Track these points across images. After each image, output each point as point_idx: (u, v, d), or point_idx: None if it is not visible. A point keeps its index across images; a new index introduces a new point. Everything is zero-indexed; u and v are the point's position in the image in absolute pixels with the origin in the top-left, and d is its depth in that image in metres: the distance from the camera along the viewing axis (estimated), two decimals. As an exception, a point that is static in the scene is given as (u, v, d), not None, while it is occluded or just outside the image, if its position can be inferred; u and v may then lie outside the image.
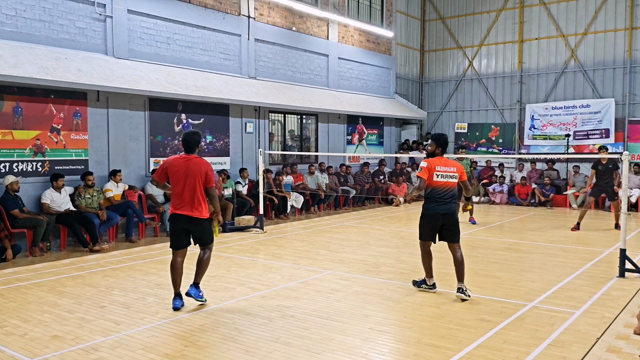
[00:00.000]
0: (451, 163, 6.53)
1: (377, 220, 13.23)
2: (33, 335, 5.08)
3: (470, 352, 4.64)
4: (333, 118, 16.62)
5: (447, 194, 6.43)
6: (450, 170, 6.46)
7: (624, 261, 7.32)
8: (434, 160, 6.46)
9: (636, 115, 16.80)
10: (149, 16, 11.42)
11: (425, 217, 6.54)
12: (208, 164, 5.95)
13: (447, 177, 6.45)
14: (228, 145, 13.20)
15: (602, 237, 10.72)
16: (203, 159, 5.96)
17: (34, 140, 9.50)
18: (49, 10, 9.80)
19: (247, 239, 10.44)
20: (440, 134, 6.62)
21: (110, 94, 10.50)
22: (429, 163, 6.43)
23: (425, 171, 6.38)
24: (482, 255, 8.86)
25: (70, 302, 6.18)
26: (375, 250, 9.30)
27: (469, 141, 19.86)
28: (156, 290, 6.66)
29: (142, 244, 9.87)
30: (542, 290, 6.66)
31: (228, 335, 5.06)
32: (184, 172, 5.79)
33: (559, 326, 5.29)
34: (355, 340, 4.93)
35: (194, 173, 5.79)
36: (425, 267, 6.67)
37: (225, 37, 13.17)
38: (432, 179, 6.40)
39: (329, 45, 16.48)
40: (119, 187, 10.27)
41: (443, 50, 20.75)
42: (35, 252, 8.73)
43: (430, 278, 6.67)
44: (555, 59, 18.18)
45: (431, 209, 6.45)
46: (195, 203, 5.81)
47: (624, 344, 4.84)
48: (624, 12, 16.85)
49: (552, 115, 18.04)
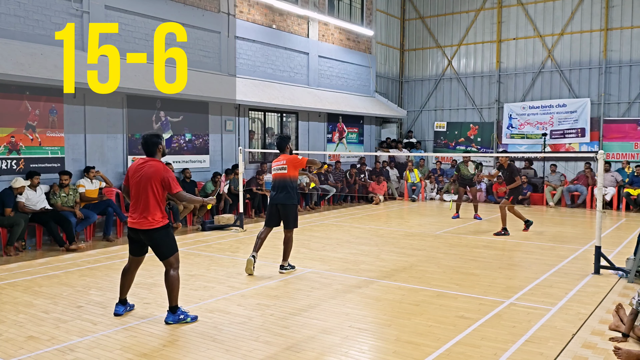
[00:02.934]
0: (281, 158, 7.48)
1: (357, 218, 13.27)
2: (7, 336, 4.98)
3: (449, 349, 4.68)
4: (313, 116, 16.62)
5: (278, 184, 7.40)
6: (279, 164, 7.45)
7: (599, 258, 7.45)
8: (274, 160, 7.66)
9: (611, 115, 17.10)
10: (126, 12, 11.28)
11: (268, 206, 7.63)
12: (166, 169, 5.40)
13: (276, 169, 7.47)
14: (207, 144, 13.11)
15: (577, 234, 10.89)
16: (161, 162, 5.45)
17: (8, 137, 9.33)
18: (24, 5, 9.61)
19: (227, 237, 10.39)
20: (278, 136, 7.78)
21: (87, 90, 10.31)
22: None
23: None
24: (460, 252, 8.95)
25: (46, 302, 6.09)
26: (355, 248, 9.33)
27: (448, 140, 20.02)
28: (134, 290, 6.57)
29: (119, 243, 9.75)
30: (519, 287, 6.74)
31: (207, 335, 5.02)
32: (139, 177, 5.33)
33: (535, 323, 5.37)
34: (335, 339, 4.94)
35: (147, 178, 5.28)
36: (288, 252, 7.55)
37: (204, 34, 13.06)
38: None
39: (309, 44, 16.46)
40: (94, 183, 10.12)
41: (422, 49, 20.86)
42: (10, 252, 8.57)
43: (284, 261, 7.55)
44: (533, 59, 18.41)
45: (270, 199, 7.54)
46: (145, 212, 5.29)
47: (599, 339, 4.93)
48: (600, 14, 17.13)
49: (529, 114, 18.27)
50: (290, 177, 7.36)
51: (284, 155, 7.48)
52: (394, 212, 14.65)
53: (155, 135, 5.53)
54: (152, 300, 6.15)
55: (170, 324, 5.31)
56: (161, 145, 5.49)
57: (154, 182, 5.29)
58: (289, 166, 7.33)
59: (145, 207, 5.29)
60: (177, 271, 5.41)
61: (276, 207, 7.40)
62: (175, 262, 5.42)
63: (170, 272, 5.37)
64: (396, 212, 14.65)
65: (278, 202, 7.35)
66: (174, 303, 5.37)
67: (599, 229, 7.45)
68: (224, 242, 9.90)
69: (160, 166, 5.38)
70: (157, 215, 5.32)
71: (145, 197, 5.29)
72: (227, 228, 11.29)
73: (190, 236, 10.56)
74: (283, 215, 7.38)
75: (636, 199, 14.55)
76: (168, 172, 5.37)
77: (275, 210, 7.42)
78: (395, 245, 9.67)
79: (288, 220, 7.37)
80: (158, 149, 5.47)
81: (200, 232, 10.97)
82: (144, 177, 5.31)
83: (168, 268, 5.39)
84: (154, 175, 5.30)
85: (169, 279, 5.36)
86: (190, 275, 7.30)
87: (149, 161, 5.41)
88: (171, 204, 11.02)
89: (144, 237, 5.38)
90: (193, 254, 8.82)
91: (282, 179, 7.37)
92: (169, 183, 5.33)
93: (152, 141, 5.44)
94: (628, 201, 14.67)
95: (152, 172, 5.31)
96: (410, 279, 7.16)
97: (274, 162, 7.56)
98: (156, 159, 5.46)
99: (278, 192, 7.37)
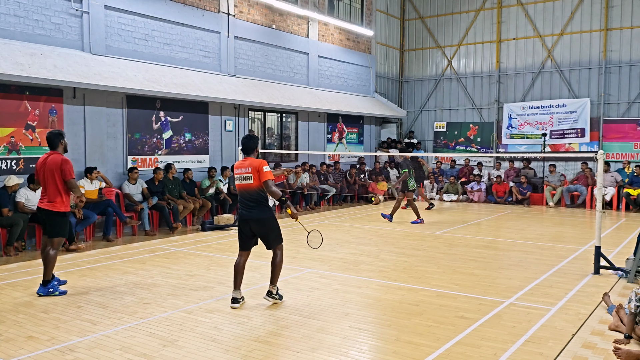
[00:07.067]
0: (246, 163, 5.94)
1: (356, 218, 13.27)
2: (7, 336, 4.98)
3: (449, 349, 4.68)
4: (313, 116, 16.62)
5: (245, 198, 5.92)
6: (244, 171, 5.92)
7: (598, 258, 7.45)
8: (236, 164, 6.12)
9: (611, 115, 17.11)
10: (126, 12, 11.28)
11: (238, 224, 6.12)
12: (64, 159, 6.43)
13: (240, 178, 5.97)
14: (207, 144, 13.11)
15: (577, 234, 10.90)
16: (60, 154, 6.47)
17: (8, 137, 9.32)
18: (24, 5, 9.61)
19: (227, 237, 10.39)
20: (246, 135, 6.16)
21: (87, 90, 10.35)
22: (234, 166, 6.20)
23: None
24: (460, 252, 8.95)
25: (45, 302, 6.08)
26: (354, 248, 9.32)
27: (448, 140, 20.03)
28: (134, 290, 6.59)
29: (119, 243, 9.76)
30: (519, 287, 6.74)
31: (207, 335, 5.02)
32: (43, 168, 6.42)
33: (535, 323, 5.37)
34: (335, 339, 4.94)
35: (50, 168, 6.36)
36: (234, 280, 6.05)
37: (204, 34, 13.07)
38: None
39: (309, 44, 16.47)
40: (94, 184, 10.12)
41: (422, 49, 20.86)
42: (9, 252, 8.57)
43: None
44: (533, 59, 18.42)
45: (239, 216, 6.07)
46: (50, 196, 6.40)
47: (598, 339, 4.93)
48: (600, 14, 17.14)
49: (529, 114, 18.28)
50: (259, 188, 5.87)
51: (250, 160, 5.95)
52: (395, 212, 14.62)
53: (57, 131, 6.64)
54: (152, 300, 6.15)
55: (41, 295, 6.28)
56: (63, 141, 6.60)
57: (56, 172, 6.38)
58: (255, 176, 5.84)
59: (50, 193, 6.41)
60: (55, 252, 6.45)
61: (249, 224, 5.91)
62: (58, 245, 6.50)
63: (49, 250, 6.42)
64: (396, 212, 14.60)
65: (251, 218, 5.87)
66: (47, 277, 6.37)
67: (599, 229, 7.44)
68: (224, 242, 9.90)
69: (60, 157, 6.44)
70: (59, 201, 6.43)
71: (48, 185, 6.42)
72: (227, 228, 11.29)
73: (190, 236, 10.56)
74: (261, 233, 5.93)
75: (636, 199, 14.55)
76: (65, 162, 6.40)
77: (249, 230, 5.94)
78: (395, 245, 9.67)
79: (269, 237, 5.94)
80: (61, 142, 6.57)
81: (200, 232, 10.97)
82: (48, 168, 6.40)
83: (49, 247, 6.44)
84: (55, 165, 6.37)
85: (48, 256, 6.39)
86: (190, 276, 7.30)
87: (51, 154, 6.48)
88: (171, 204, 11.03)
89: (44, 217, 6.49)
90: (193, 254, 8.82)
91: (249, 190, 5.88)
92: (64, 170, 6.38)
93: (52, 136, 6.54)
94: (628, 201, 14.67)
95: (53, 162, 6.39)
96: (410, 279, 7.16)
97: (236, 168, 6.03)
98: (58, 151, 6.53)
99: (247, 207, 5.89)
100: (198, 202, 11.74)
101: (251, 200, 5.88)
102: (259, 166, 5.83)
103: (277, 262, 5.98)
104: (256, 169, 5.83)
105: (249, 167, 5.87)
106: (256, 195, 5.87)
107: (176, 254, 8.79)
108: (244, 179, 5.90)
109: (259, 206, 5.88)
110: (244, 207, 5.93)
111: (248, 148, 6.03)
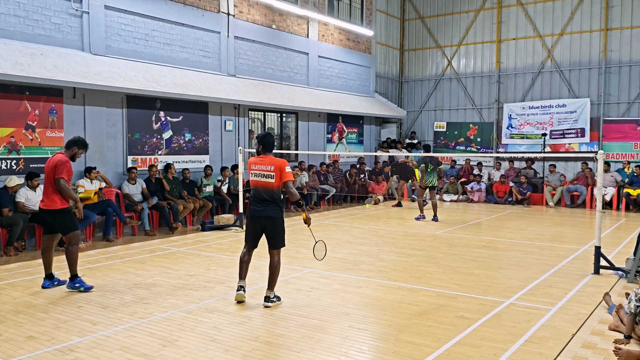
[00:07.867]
0: (267, 160, 5.97)
1: (356, 218, 13.27)
2: (7, 336, 4.98)
3: (449, 349, 4.68)
4: (313, 116, 16.62)
5: (261, 195, 5.96)
6: (265, 168, 5.95)
7: (598, 258, 7.45)
8: (252, 159, 6.12)
9: (611, 115, 17.11)
10: (126, 12, 11.28)
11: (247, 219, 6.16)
12: (63, 158, 6.49)
13: (259, 175, 5.99)
14: (207, 144, 13.11)
15: (577, 234, 10.90)
16: (63, 154, 6.59)
17: (8, 137, 9.32)
18: (24, 5, 9.61)
19: (227, 237, 10.39)
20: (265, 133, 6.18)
21: (87, 90, 10.35)
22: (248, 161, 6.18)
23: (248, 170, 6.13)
24: (460, 252, 8.95)
25: (45, 302, 6.09)
26: (354, 248, 9.32)
27: (448, 140, 20.03)
28: (134, 290, 6.59)
29: (119, 243, 9.76)
30: (519, 287, 6.74)
31: (207, 335, 5.02)
32: (46, 167, 6.58)
33: (535, 323, 5.37)
34: (335, 338, 4.94)
35: (49, 168, 6.50)
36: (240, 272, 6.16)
37: (204, 35, 13.07)
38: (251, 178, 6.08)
39: (309, 44, 16.47)
40: (93, 184, 10.11)
41: (422, 49, 20.87)
42: (9, 252, 8.57)
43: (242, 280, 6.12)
44: (532, 59, 18.42)
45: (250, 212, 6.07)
46: (47, 195, 6.49)
47: (598, 339, 4.93)
48: (599, 14, 17.14)
49: (529, 114, 18.28)
50: (278, 188, 5.96)
51: (271, 158, 5.99)
52: (393, 212, 14.64)
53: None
54: (152, 300, 6.15)
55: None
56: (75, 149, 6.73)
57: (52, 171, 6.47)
58: (277, 175, 5.91)
59: (48, 192, 6.48)
60: (74, 247, 6.56)
61: (260, 221, 5.97)
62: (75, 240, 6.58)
63: (69, 247, 6.54)
64: (396, 212, 14.63)
65: (264, 215, 5.93)
66: (73, 272, 6.53)
67: (599, 229, 7.44)
68: (224, 242, 9.90)
69: (57, 156, 6.54)
70: (56, 198, 6.47)
71: (47, 184, 6.50)
72: (226, 228, 11.29)
73: (190, 236, 10.56)
74: (270, 231, 5.99)
75: (636, 199, 14.55)
76: (61, 161, 6.45)
77: (259, 226, 6.00)
78: (395, 245, 9.67)
79: (276, 237, 6.00)
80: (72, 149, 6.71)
81: (200, 232, 10.97)
82: (49, 168, 6.52)
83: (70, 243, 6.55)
84: (52, 165, 6.48)
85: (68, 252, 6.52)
86: (190, 276, 7.30)
87: (56, 154, 6.63)
88: (171, 204, 11.03)
89: (45, 216, 6.57)
90: (193, 254, 8.83)
91: (269, 189, 5.93)
92: (57, 169, 6.41)
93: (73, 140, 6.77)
94: (628, 201, 14.67)
95: (51, 162, 6.52)
96: (410, 279, 7.16)
97: (253, 164, 6.03)
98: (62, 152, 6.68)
99: (262, 203, 5.95)
100: (198, 202, 11.74)
101: (268, 198, 5.94)
102: (282, 166, 5.91)
103: (275, 265, 6.02)
104: (279, 169, 5.90)
105: (271, 166, 5.92)
106: (274, 194, 5.95)
107: (176, 254, 8.79)
108: (264, 177, 5.94)
109: (274, 204, 5.97)
110: (257, 204, 5.99)
111: (268, 145, 6.05)
